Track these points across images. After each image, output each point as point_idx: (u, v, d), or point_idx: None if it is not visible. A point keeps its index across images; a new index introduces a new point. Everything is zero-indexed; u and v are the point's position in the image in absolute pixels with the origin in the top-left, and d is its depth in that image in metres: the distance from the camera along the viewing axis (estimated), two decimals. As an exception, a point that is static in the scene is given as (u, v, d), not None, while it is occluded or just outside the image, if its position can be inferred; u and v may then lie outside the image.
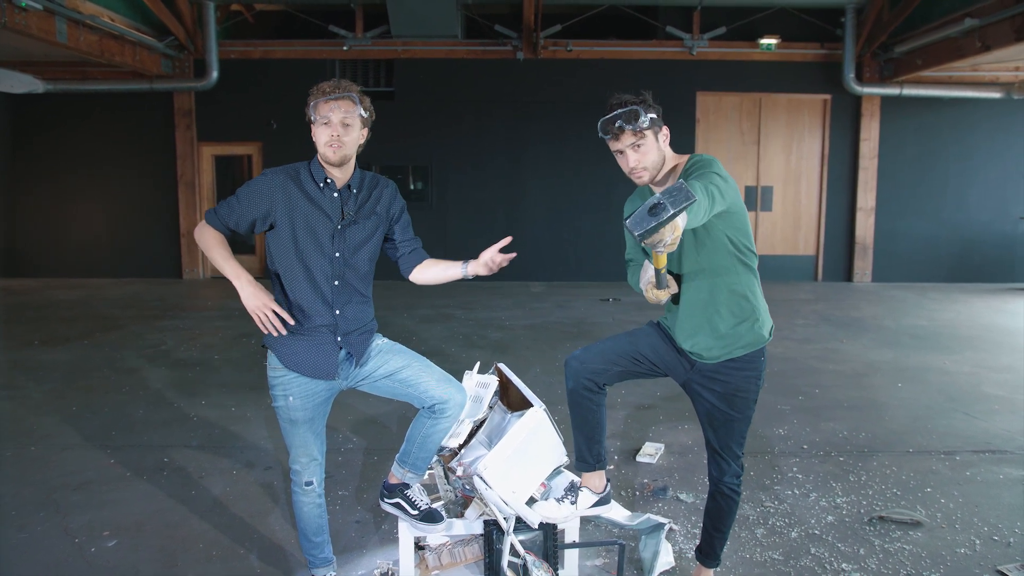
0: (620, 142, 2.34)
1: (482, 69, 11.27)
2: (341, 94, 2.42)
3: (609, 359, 2.56)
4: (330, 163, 2.45)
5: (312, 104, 2.43)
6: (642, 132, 2.32)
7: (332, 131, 2.40)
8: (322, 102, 2.41)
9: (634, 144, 2.33)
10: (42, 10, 7.88)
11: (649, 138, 2.34)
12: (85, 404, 5.07)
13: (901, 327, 7.85)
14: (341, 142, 2.41)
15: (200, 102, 11.22)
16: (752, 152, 11.44)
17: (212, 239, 2.48)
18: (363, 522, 3.36)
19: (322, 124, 2.41)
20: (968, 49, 8.82)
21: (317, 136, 2.43)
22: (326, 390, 2.54)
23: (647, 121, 2.31)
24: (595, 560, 3.02)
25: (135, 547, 3.11)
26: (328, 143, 2.41)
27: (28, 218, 11.61)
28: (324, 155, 2.44)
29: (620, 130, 2.32)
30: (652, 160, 2.36)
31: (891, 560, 3.02)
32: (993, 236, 11.35)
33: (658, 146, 2.36)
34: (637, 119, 2.30)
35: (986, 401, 5.20)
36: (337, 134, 2.40)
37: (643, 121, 2.30)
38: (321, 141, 2.42)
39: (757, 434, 4.50)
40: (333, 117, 2.40)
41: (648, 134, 2.34)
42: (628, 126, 2.31)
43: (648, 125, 2.32)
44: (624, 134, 2.32)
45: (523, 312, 8.72)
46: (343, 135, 2.41)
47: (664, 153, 2.39)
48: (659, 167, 2.38)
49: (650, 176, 2.38)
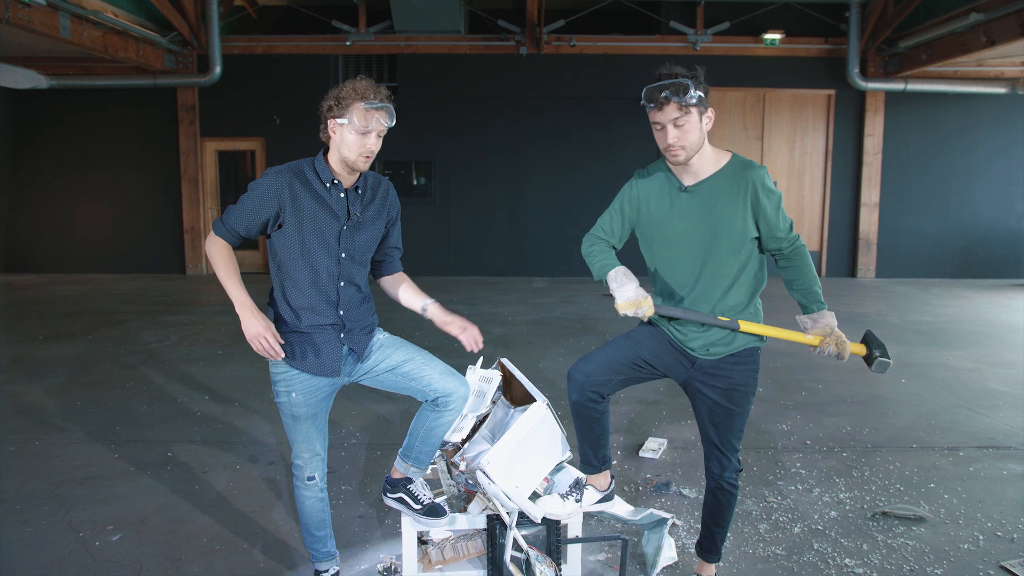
0: (663, 114, 2.24)
1: (485, 64, 11.26)
2: (383, 104, 2.33)
3: (612, 368, 2.53)
4: (356, 171, 2.40)
5: (349, 105, 2.31)
6: (688, 108, 2.23)
7: (370, 144, 2.33)
8: (363, 108, 2.30)
9: (677, 120, 2.23)
10: (46, 5, 7.88)
11: (694, 116, 2.25)
12: (89, 399, 5.09)
13: (905, 323, 7.84)
14: (373, 153, 2.34)
15: (203, 97, 11.22)
16: (756, 148, 11.41)
17: (221, 256, 2.41)
18: (366, 517, 3.37)
19: (360, 133, 2.31)
20: (973, 44, 8.78)
21: (346, 140, 2.33)
22: (328, 386, 2.54)
23: (695, 98, 2.22)
24: (598, 555, 3.02)
25: (139, 541, 3.12)
26: (364, 154, 2.33)
27: (32, 214, 11.63)
28: (354, 164, 2.35)
29: (666, 100, 2.21)
30: (692, 140, 2.27)
31: (894, 556, 3.02)
32: (997, 232, 11.32)
33: (700, 127, 2.28)
34: (686, 93, 2.20)
35: (990, 397, 5.19)
36: (374, 148, 2.34)
37: (691, 96, 2.21)
38: (354, 150, 2.32)
39: (760, 429, 4.50)
40: (373, 128, 2.32)
41: (694, 112, 2.24)
42: (675, 98, 2.21)
43: (696, 102, 2.23)
44: (668, 106, 2.22)
45: (526, 307, 8.72)
46: (376, 148, 2.35)
47: (704, 136, 2.31)
48: (697, 150, 2.30)
49: (686, 156, 2.29)
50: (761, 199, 2.33)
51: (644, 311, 2.39)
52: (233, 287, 2.39)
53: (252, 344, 2.35)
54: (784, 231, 2.39)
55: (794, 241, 2.43)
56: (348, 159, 2.36)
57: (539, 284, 10.68)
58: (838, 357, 2.43)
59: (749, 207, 2.34)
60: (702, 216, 2.38)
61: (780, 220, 2.37)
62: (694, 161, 2.34)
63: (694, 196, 2.38)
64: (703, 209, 2.37)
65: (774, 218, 2.36)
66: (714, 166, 2.37)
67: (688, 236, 2.41)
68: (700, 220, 2.38)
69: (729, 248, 2.37)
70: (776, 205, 2.36)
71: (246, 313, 2.35)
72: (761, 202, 2.33)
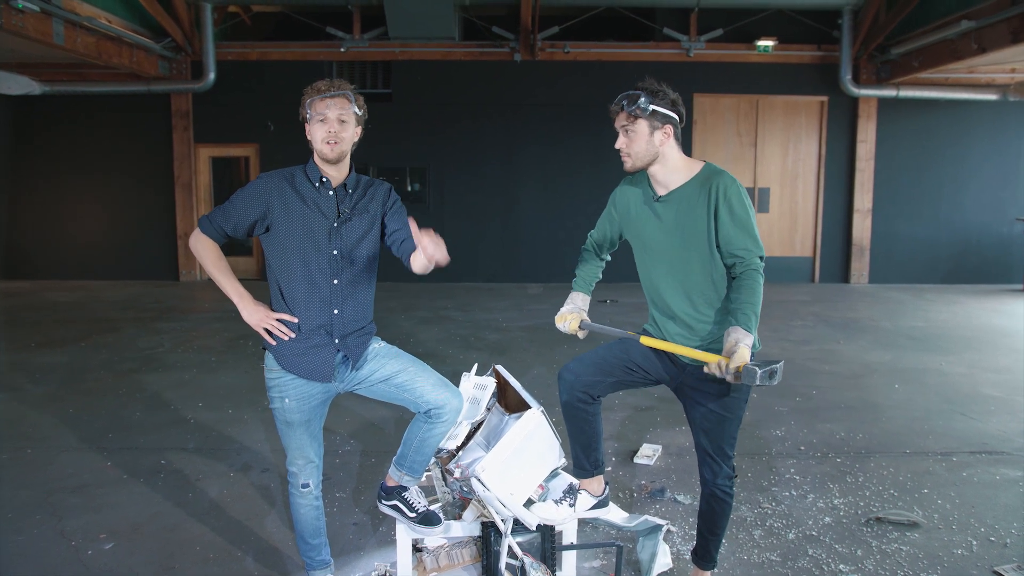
0: (617, 120, 2.42)
1: (479, 71, 11.28)
2: (336, 92, 2.45)
3: (603, 370, 2.57)
4: (327, 160, 2.46)
5: (308, 102, 2.45)
6: (635, 118, 2.36)
7: (329, 127, 2.43)
8: (318, 100, 2.44)
9: (625, 127, 2.39)
10: (39, 12, 7.87)
11: (641, 127, 2.36)
12: (82, 406, 5.06)
13: (898, 328, 7.87)
14: (338, 138, 2.43)
15: (197, 104, 11.21)
16: (749, 154, 11.45)
17: (208, 252, 2.51)
18: (361, 524, 3.36)
19: (318, 121, 2.43)
20: (964, 51, 8.84)
21: (313, 133, 2.45)
22: (322, 392, 2.54)
23: (646, 111, 2.33)
24: (593, 562, 3.02)
25: (132, 550, 3.10)
26: (325, 139, 2.43)
27: (25, 220, 11.58)
28: (321, 152, 2.45)
29: (619, 107, 2.39)
30: (637, 150, 2.39)
31: (888, 561, 3.02)
32: (990, 238, 11.37)
33: (650, 139, 2.37)
34: (634, 103, 2.34)
35: (983, 402, 5.21)
36: (334, 130, 2.42)
37: (640, 108, 2.33)
38: (318, 138, 2.44)
39: (754, 435, 4.51)
40: (330, 114, 2.42)
41: (641, 123, 2.36)
42: (627, 107, 2.36)
43: (644, 115, 2.34)
44: (620, 113, 2.40)
45: (520, 314, 8.72)
46: (340, 131, 2.43)
47: (658, 150, 2.38)
48: (646, 161, 2.41)
49: (631, 164, 2.42)
50: (721, 208, 2.33)
51: (567, 324, 2.69)
52: (227, 281, 2.51)
53: (258, 331, 2.48)
54: (740, 248, 2.31)
55: (749, 264, 2.31)
56: (318, 149, 2.47)
57: (533, 290, 10.69)
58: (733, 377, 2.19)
59: (712, 215, 2.35)
60: (673, 225, 2.43)
61: (737, 235, 2.32)
62: (659, 172, 2.43)
63: (666, 206, 2.45)
64: (673, 218, 2.43)
65: (729, 229, 2.32)
66: (685, 176, 2.43)
67: (662, 245, 2.47)
68: (671, 229, 2.44)
69: (698, 257, 2.39)
70: (735, 216, 2.31)
71: (246, 303, 2.49)
72: (720, 210, 2.33)
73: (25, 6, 7.54)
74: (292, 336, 2.47)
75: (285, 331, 2.46)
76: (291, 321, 2.47)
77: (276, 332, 2.47)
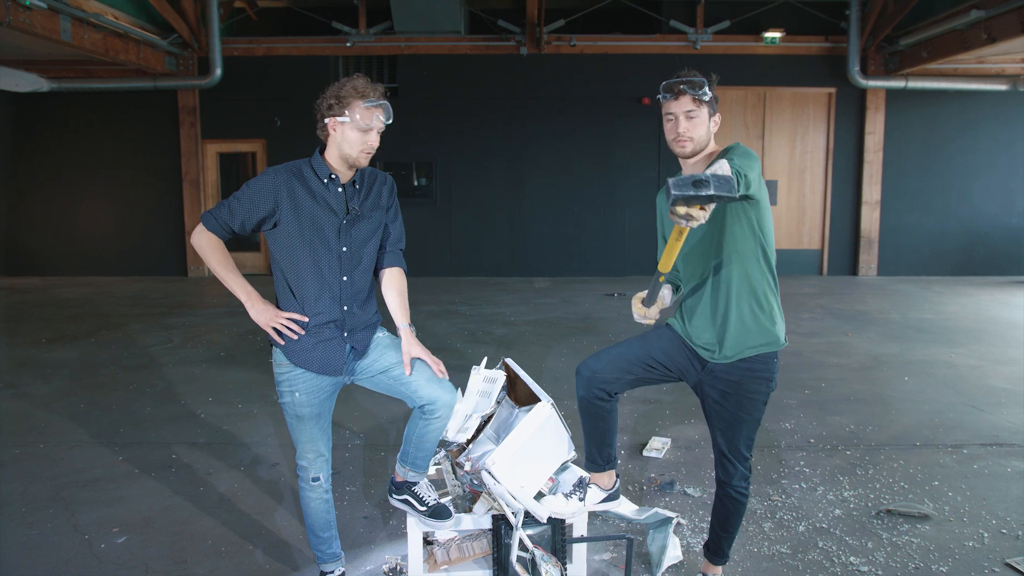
0: (678, 104, 2.37)
1: (486, 65, 11.26)
2: (380, 101, 2.39)
3: (622, 367, 2.54)
4: (355, 167, 2.44)
5: (348, 103, 2.36)
6: (700, 102, 2.36)
7: (371, 141, 2.39)
8: (362, 106, 2.36)
9: (689, 112, 2.37)
10: (46, 8, 7.88)
11: (704, 112, 2.38)
12: (93, 402, 5.09)
13: (907, 321, 7.84)
14: (375, 150, 2.41)
15: (204, 100, 11.23)
16: (757, 146, 11.39)
17: (212, 249, 2.45)
18: (371, 517, 3.37)
19: (360, 130, 2.37)
20: (974, 41, 8.77)
21: (348, 138, 2.38)
22: (331, 385, 2.55)
23: (708, 96, 2.37)
24: (603, 554, 3.02)
25: (144, 543, 3.12)
26: (365, 151, 2.39)
27: (33, 217, 11.63)
28: (355, 160, 2.41)
29: (682, 91, 2.36)
30: (699, 134, 2.38)
31: (899, 553, 3.02)
32: (999, 229, 11.31)
33: (708, 126, 2.40)
34: (701, 88, 2.35)
35: (993, 394, 5.18)
36: (375, 144, 2.40)
37: (705, 92, 2.36)
38: (356, 147, 2.38)
39: (763, 428, 4.50)
40: (375, 125, 2.38)
41: (705, 108, 2.38)
42: (691, 91, 2.35)
43: (708, 99, 2.38)
44: (684, 97, 2.36)
45: (528, 308, 8.72)
46: (376, 144, 2.41)
47: (711, 136, 2.43)
48: (703, 146, 2.41)
49: (692, 148, 2.39)
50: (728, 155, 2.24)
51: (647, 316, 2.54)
52: (234, 279, 2.46)
53: (267, 331, 2.45)
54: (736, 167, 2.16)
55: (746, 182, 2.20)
56: (350, 156, 2.40)
57: (541, 284, 10.68)
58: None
59: None
60: None
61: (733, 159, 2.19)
62: (701, 163, 2.42)
63: None
64: None
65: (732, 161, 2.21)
66: (708, 161, 2.43)
67: (696, 231, 2.42)
68: None
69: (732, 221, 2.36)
70: (737, 153, 2.23)
71: (254, 302, 2.46)
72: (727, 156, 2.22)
73: (32, 3, 7.56)
74: (302, 334, 2.46)
75: (295, 329, 2.44)
76: (301, 320, 2.45)
77: (285, 332, 2.44)
